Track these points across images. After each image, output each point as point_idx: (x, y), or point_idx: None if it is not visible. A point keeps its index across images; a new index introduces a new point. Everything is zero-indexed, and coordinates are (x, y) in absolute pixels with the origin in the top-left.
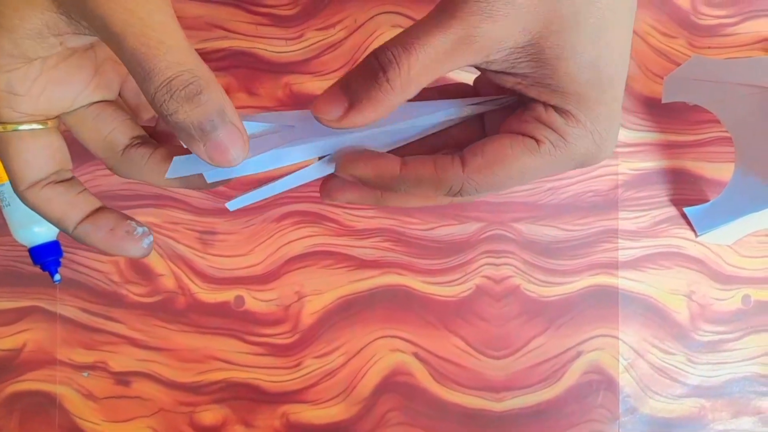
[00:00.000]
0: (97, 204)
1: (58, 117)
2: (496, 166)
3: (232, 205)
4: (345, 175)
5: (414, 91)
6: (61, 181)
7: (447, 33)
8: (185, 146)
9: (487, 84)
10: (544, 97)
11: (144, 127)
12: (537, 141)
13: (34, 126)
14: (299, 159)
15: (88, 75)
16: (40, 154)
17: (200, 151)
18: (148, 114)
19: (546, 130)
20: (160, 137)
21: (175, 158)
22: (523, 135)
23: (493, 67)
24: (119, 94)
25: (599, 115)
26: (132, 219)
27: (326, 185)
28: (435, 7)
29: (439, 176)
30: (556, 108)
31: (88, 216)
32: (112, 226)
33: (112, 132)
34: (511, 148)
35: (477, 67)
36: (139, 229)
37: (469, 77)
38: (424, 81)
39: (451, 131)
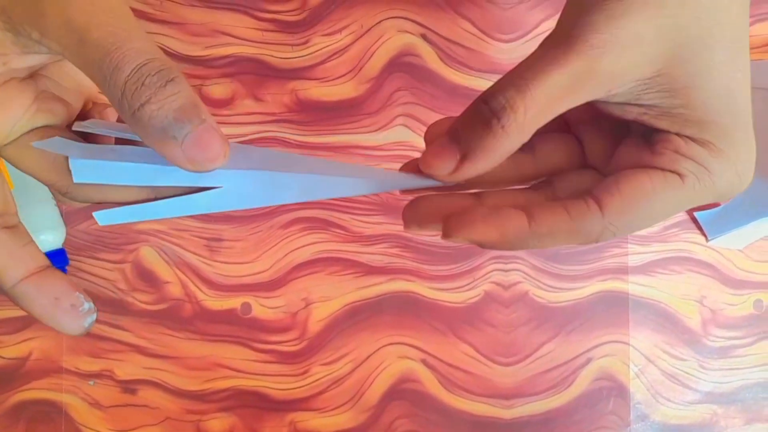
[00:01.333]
0: (43, 262)
1: None
2: (639, 206)
3: (101, 219)
4: (459, 241)
5: (529, 135)
6: (6, 228)
7: (565, 69)
8: (155, 148)
9: (589, 112)
10: (676, 128)
11: None
12: (680, 175)
13: None
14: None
15: (27, 99)
16: None
17: (176, 151)
18: None
19: (688, 162)
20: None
21: (55, 138)
22: (662, 170)
23: (615, 100)
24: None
25: (738, 142)
26: (79, 291)
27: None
28: (546, 41)
29: (576, 227)
30: (693, 139)
31: (31, 275)
32: (58, 295)
33: (58, 155)
34: (652, 184)
35: (596, 101)
36: (86, 305)
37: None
38: (542, 122)
39: (538, 153)
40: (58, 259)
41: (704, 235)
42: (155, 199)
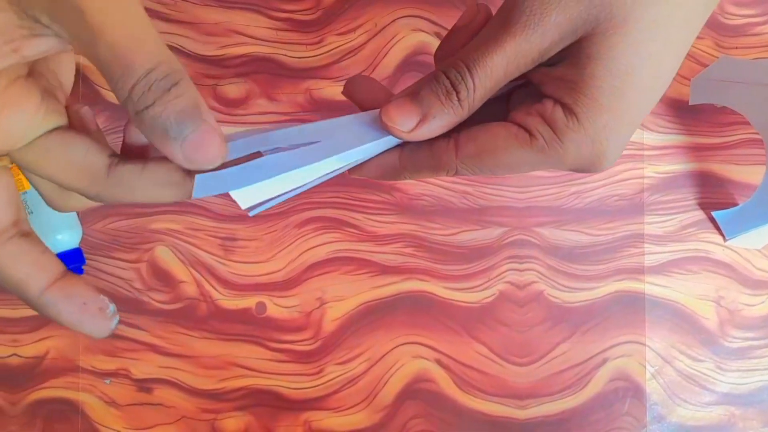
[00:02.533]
0: (62, 267)
1: (7, 155)
2: (486, 155)
3: (253, 211)
4: (355, 176)
5: (474, 110)
6: (23, 236)
7: (504, 52)
8: (157, 146)
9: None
10: (557, 94)
11: None
12: (531, 135)
13: None
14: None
15: (36, 98)
16: (1, 198)
17: (176, 150)
18: None
19: (543, 126)
20: (129, 152)
21: (198, 177)
22: (519, 126)
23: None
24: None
25: (607, 125)
26: (101, 294)
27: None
28: (492, 20)
29: (434, 163)
30: (564, 106)
31: (55, 281)
32: (85, 300)
33: (87, 154)
34: (504, 140)
35: None
36: (111, 307)
37: None
38: (485, 99)
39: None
40: (74, 258)
41: (722, 234)
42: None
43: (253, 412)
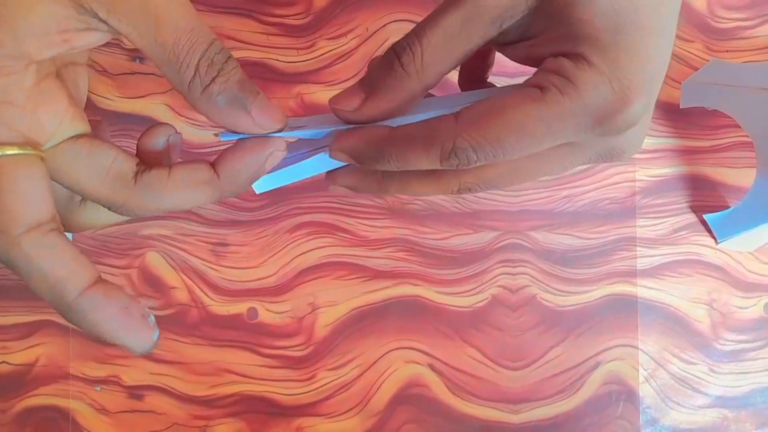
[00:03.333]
0: (98, 271)
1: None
2: (493, 118)
3: (258, 187)
4: (337, 154)
5: (433, 77)
6: (61, 231)
7: (456, 11)
8: (225, 120)
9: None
10: (554, 50)
11: None
12: (541, 88)
13: (30, 151)
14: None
15: (66, 99)
16: (40, 189)
17: (246, 119)
18: None
19: (550, 75)
20: (146, 161)
21: (263, 176)
22: (524, 86)
23: (510, 38)
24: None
25: (619, 60)
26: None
27: (331, 172)
28: None
29: (429, 133)
30: (565, 54)
31: (95, 283)
32: (126, 304)
33: (115, 162)
34: (512, 98)
35: (495, 46)
36: (152, 317)
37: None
38: (441, 64)
39: None
40: None
41: (714, 237)
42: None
43: (245, 419)
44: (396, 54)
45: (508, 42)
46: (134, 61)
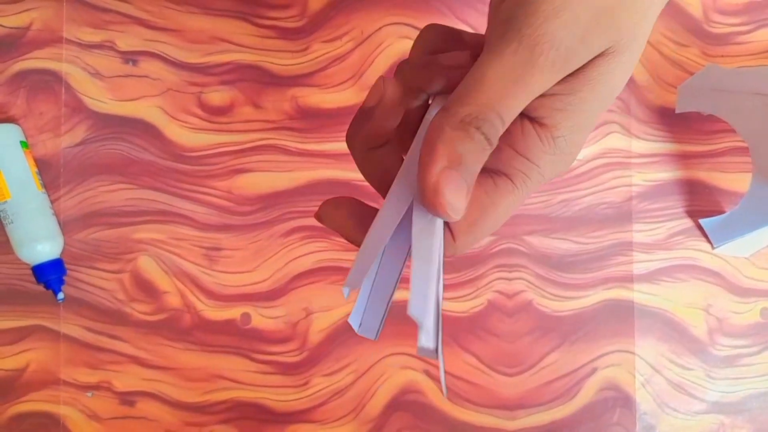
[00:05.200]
0: None
1: None
2: (482, 222)
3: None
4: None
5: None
6: None
7: (530, 91)
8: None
9: None
10: (526, 108)
11: None
12: (511, 179)
13: None
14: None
15: None
16: None
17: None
18: None
19: (519, 161)
20: None
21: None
22: (496, 175)
23: None
24: None
25: (573, 129)
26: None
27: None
28: (507, 43)
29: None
30: (534, 121)
31: None
32: None
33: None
34: (489, 197)
35: None
36: None
37: None
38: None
39: None
40: (55, 269)
41: (710, 242)
42: None
43: (238, 425)
44: (488, 141)
45: None
46: (127, 64)
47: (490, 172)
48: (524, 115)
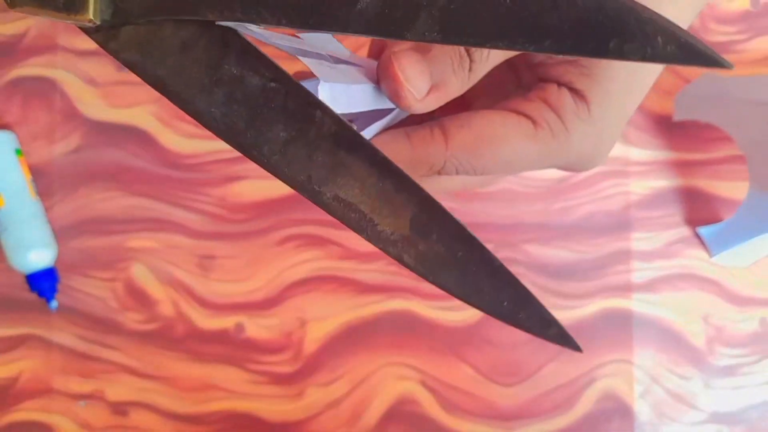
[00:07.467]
0: None
1: None
2: (484, 146)
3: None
4: None
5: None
6: None
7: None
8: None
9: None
10: (566, 77)
11: None
12: (535, 123)
13: None
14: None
15: None
16: None
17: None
18: None
19: (549, 113)
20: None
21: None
22: (519, 114)
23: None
24: None
25: (613, 122)
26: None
27: None
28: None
29: (417, 155)
30: (573, 91)
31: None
32: None
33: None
34: (503, 127)
35: None
36: None
37: None
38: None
39: None
40: (48, 277)
41: (707, 251)
42: None
43: None
44: (468, 51)
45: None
46: (122, 70)
47: (519, 113)
48: (562, 84)
